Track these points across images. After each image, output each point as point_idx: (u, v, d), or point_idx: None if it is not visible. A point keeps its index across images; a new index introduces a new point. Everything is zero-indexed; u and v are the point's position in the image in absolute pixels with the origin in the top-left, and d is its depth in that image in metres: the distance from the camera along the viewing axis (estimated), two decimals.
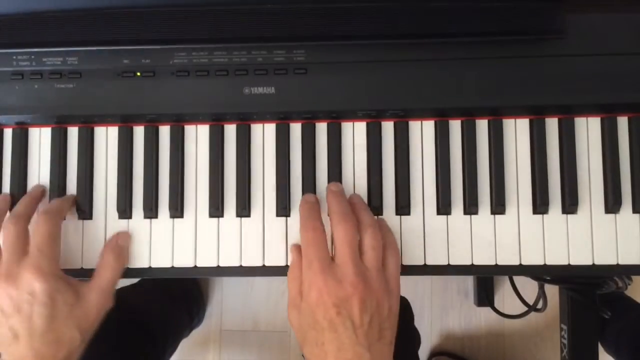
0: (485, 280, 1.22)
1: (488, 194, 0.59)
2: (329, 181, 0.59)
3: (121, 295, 0.82)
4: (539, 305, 0.80)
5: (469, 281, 1.27)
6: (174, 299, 1.04)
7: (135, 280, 1.05)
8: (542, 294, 0.77)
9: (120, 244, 0.58)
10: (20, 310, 0.52)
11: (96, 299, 0.55)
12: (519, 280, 1.08)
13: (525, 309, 0.89)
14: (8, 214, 0.58)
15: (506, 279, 1.23)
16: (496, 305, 1.08)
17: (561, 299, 0.82)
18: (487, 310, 1.25)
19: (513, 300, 1.17)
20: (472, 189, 0.58)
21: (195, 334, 1.26)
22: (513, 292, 1.16)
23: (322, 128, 0.60)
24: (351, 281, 0.50)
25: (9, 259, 0.53)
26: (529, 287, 1.05)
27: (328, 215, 0.57)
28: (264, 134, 0.60)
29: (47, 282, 0.52)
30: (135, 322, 0.78)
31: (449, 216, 0.59)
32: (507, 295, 1.23)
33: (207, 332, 1.28)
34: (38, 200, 0.58)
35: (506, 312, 1.03)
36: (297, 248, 0.57)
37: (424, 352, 1.26)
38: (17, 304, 0.52)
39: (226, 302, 1.29)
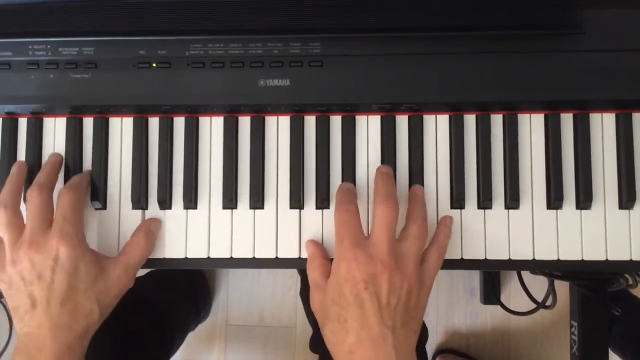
0: (492, 278, 1.22)
1: (502, 188, 0.59)
2: (342, 174, 0.59)
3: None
4: (548, 302, 0.79)
5: (475, 279, 1.27)
6: (181, 293, 1.04)
7: (142, 273, 1.05)
8: (551, 290, 0.77)
9: (152, 230, 0.58)
10: (41, 276, 0.51)
11: (119, 276, 0.55)
12: (526, 277, 1.08)
13: (533, 306, 0.89)
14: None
15: (513, 276, 1.23)
16: (503, 302, 1.08)
17: (572, 295, 0.81)
18: (493, 308, 1.25)
19: (520, 297, 1.17)
20: (487, 183, 0.58)
21: (201, 328, 1.27)
22: (520, 290, 1.15)
23: (336, 121, 0.60)
24: (382, 259, 0.50)
25: (34, 227, 0.53)
26: (536, 284, 1.05)
27: (374, 195, 0.56)
28: (278, 126, 0.60)
29: (73, 249, 0.52)
30: (145, 312, 0.78)
31: (462, 210, 0.59)
32: (513, 292, 1.23)
33: (213, 326, 1.29)
34: (59, 168, 0.58)
35: (513, 309, 1.03)
36: (314, 242, 0.57)
37: (429, 349, 1.26)
38: (39, 270, 0.51)
39: (232, 296, 1.29)
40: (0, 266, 0.54)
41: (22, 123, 0.61)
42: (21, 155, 0.60)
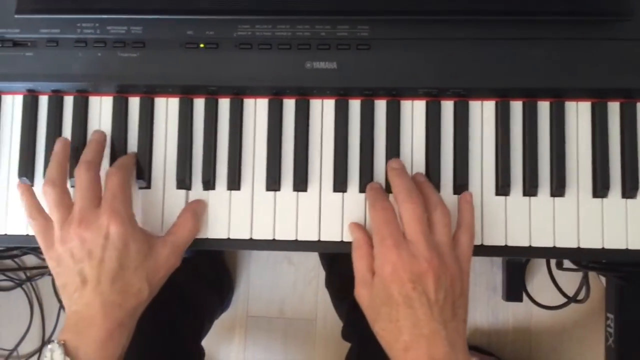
0: (515, 275, 1.21)
1: (548, 176, 0.58)
2: (386, 158, 0.59)
3: None
4: (580, 296, 0.79)
5: (497, 275, 1.26)
6: (207, 281, 1.04)
7: None
8: (585, 283, 0.76)
9: (198, 212, 0.58)
10: (91, 254, 0.51)
11: (168, 255, 0.55)
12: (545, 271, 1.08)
13: (558, 301, 0.88)
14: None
15: (535, 274, 1.22)
16: (528, 298, 1.08)
17: (608, 288, 0.81)
18: (515, 305, 1.24)
19: (544, 294, 1.17)
20: (533, 170, 0.58)
21: (222, 318, 1.26)
22: (544, 287, 1.15)
23: (381, 105, 0.60)
24: (425, 256, 0.50)
25: (83, 205, 0.52)
26: (562, 280, 1.05)
27: (392, 194, 0.56)
28: (322, 110, 0.60)
29: (123, 226, 0.52)
30: (177, 298, 0.79)
31: (507, 197, 0.58)
32: (536, 289, 1.22)
33: (234, 317, 1.29)
34: (104, 145, 0.58)
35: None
36: (359, 227, 0.57)
37: None
38: (90, 247, 0.51)
39: (253, 288, 1.29)
40: (49, 244, 0.53)
41: (68, 101, 0.61)
42: (67, 133, 0.60)
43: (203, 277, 1.02)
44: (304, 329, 1.28)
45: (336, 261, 1.03)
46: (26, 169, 0.60)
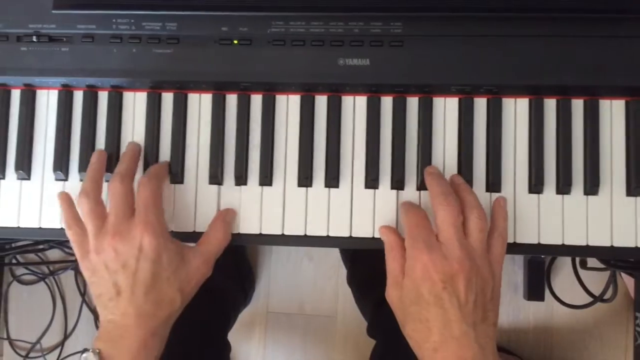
0: (537, 274, 1.20)
1: (581, 174, 0.58)
2: (419, 155, 0.59)
3: None
4: (607, 296, 0.78)
5: (518, 274, 1.26)
6: (231, 276, 1.05)
7: None
8: (613, 282, 0.76)
9: (228, 220, 0.58)
10: (125, 265, 0.52)
11: (199, 265, 0.56)
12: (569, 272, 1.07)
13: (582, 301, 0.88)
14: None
15: (557, 273, 1.22)
16: (550, 298, 1.07)
17: (637, 287, 0.81)
18: (535, 304, 1.24)
19: (567, 293, 1.16)
20: (567, 168, 0.58)
21: (242, 314, 1.27)
22: (567, 286, 1.15)
23: (413, 102, 0.60)
24: (457, 258, 0.50)
25: (117, 216, 0.53)
26: (584, 279, 1.04)
27: (431, 197, 0.56)
28: (354, 106, 0.60)
29: (156, 238, 0.53)
30: (205, 293, 0.79)
31: (540, 195, 0.58)
32: (559, 289, 1.21)
33: (254, 313, 1.29)
34: (138, 158, 0.59)
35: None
36: (390, 229, 0.57)
37: None
38: (124, 259, 0.52)
39: (273, 284, 1.29)
40: (83, 254, 0.54)
41: (103, 97, 0.61)
42: (101, 128, 0.61)
43: (228, 273, 1.03)
44: (323, 325, 1.28)
45: (358, 258, 1.03)
46: (61, 164, 0.61)
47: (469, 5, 0.56)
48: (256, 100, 0.61)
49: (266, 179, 0.60)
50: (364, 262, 0.96)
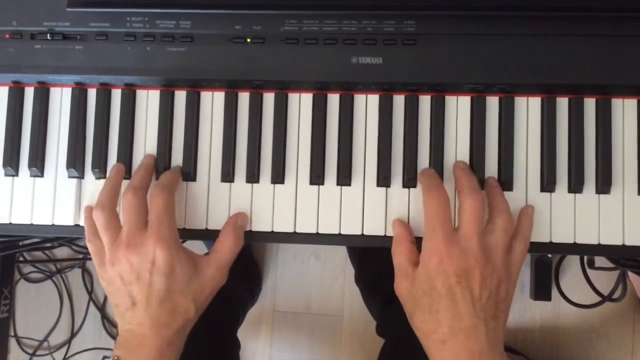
0: (544, 273, 1.21)
1: (593, 173, 0.58)
2: (430, 154, 0.59)
3: None
4: (615, 295, 0.79)
5: (524, 274, 1.26)
6: (238, 275, 1.05)
7: None
8: (622, 281, 0.76)
9: (239, 224, 0.59)
10: (140, 278, 0.53)
11: (213, 274, 0.56)
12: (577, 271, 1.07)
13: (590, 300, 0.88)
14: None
15: (564, 273, 1.22)
16: (557, 298, 1.07)
17: None
18: (542, 304, 1.24)
19: (574, 293, 1.16)
20: (579, 167, 0.58)
21: (249, 313, 1.28)
22: (574, 285, 1.15)
23: (425, 101, 0.60)
24: (475, 254, 0.50)
25: (131, 228, 0.54)
26: (594, 278, 1.04)
27: (455, 189, 0.57)
28: (367, 104, 0.61)
29: (168, 251, 0.53)
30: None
31: (552, 194, 0.58)
32: (566, 288, 1.21)
33: (260, 312, 1.30)
34: (152, 171, 0.60)
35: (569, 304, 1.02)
36: (403, 223, 0.57)
37: None
38: (138, 271, 0.53)
39: (280, 283, 1.30)
40: (100, 265, 0.56)
41: (116, 94, 0.62)
42: (114, 126, 0.61)
43: (235, 272, 1.03)
44: (330, 324, 1.29)
45: (366, 257, 1.03)
46: (74, 161, 0.61)
47: (481, 4, 0.56)
48: (269, 98, 0.61)
49: (278, 177, 0.60)
50: (372, 261, 0.96)
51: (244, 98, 0.61)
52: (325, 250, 1.29)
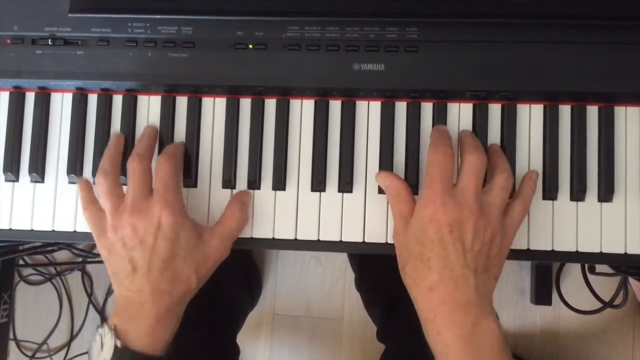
0: (544, 278, 1.20)
1: (596, 181, 0.58)
2: None
3: None
4: (616, 302, 0.78)
5: (525, 278, 1.26)
6: (238, 279, 1.05)
7: None
8: (623, 288, 0.75)
9: (245, 201, 0.58)
10: (143, 242, 0.52)
11: (217, 245, 0.56)
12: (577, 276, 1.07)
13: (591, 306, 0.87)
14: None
15: (565, 277, 1.21)
16: (558, 303, 1.07)
17: None
18: (542, 308, 1.24)
19: (575, 298, 1.16)
20: (581, 175, 0.58)
21: (249, 316, 1.27)
22: (575, 291, 1.15)
23: (427, 108, 0.60)
24: (469, 206, 0.51)
25: (136, 194, 0.54)
26: (595, 283, 1.04)
27: (459, 148, 0.57)
28: (368, 111, 0.60)
29: (174, 216, 0.53)
30: (213, 295, 0.79)
31: (554, 201, 0.58)
32: (566, 293, 1.21)
33: (260, 315, 1.29)
34: (155, 139, 0.59)
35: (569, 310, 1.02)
36: (392, 174, 0.57)
37: None
38: (142, 236, 0.52)
39: (280, 286, 1.29)
40: (101, 232, 0.55)
41: (117, 100, 0.61)
42: (115, 131, 0.61)
43: (235, 275, 1.03)
44: (330, 328, 1.28)
45: (366, 262, 1.03)
46: (74, 167, 0.61)
47: (485, 11, 0.56)
48: (270, 104, 0.61)
49: (279, 183, 0.60)
50: (373, 266, 0.96)
51: (245, 104, 0.61)
52: (325, 254, 1.28)
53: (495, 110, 0.60)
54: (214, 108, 0.61)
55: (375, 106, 0.60)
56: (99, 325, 0.53)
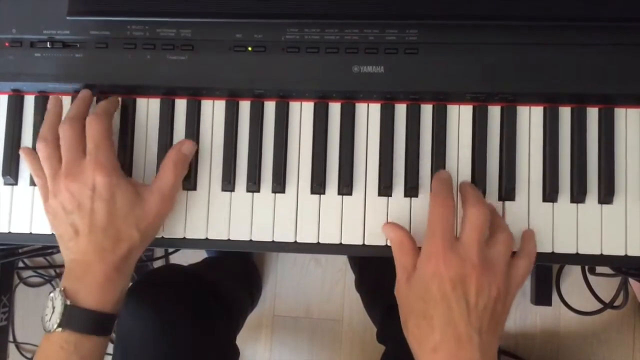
0: (545, 279, 1.20)
1: (596, 183, 0.58)
2: (432, 163, 0.59)
3: (197, 270, 0.83)
4: (617, 303, 0.78)
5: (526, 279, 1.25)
6: (239, 280, 1.05)
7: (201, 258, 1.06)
8: (623, 288, 0.75)
9: (184, 152, 0.58)
10: (81, 206, 0.53)
11: (156, 201, 0.56)
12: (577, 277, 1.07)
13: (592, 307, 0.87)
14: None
15: (565, 278, 1.21)
16: (558, 303, 1.07)
17: None
18: (542, 309, 1.23)
19: (575, 299, 1.16)
20: (581, 177, 0.58)
21: (248, 317, 1.27)
22: (575, 291, 1.15)
23: (427, 110, 0.60)
24: (472, 261, 0.50)
25: (69, 159, 0.54)
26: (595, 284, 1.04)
27: (461, 200, 0.56)
28: (368, 113, 0.60)
29: (108, 176, 0.53)
30: (213, 297, 0.79)
31: (554, 203, 0.58)
32: (567, 294, 1.21)
33: (260, 316, 1.29)
34: (89, 103, 0.59)
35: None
36: (396, 226, 0.57)
37: None
38: (79, 199, 0.53)
39: (280, 287, 1.29)
40: (45, 198, 0.56)
41: None
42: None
43: (234, 276, 1.03)
44: (330, 329, 1.28)
45: (366, 264, 1.03)
46: None
47: (484, 13, 0.56)
48: (270, 107, 0.61)
49: (279, 186, 0.60)
50: (373, 268, 0.96)
51: (244, 106, 0.61)
52: (325, 255, 1.28)
53: (495, 112, 0.59)
54: (213, 111, 0.61)
55: (375, 108, 0.60)
56: (51, 291, 0.54)
